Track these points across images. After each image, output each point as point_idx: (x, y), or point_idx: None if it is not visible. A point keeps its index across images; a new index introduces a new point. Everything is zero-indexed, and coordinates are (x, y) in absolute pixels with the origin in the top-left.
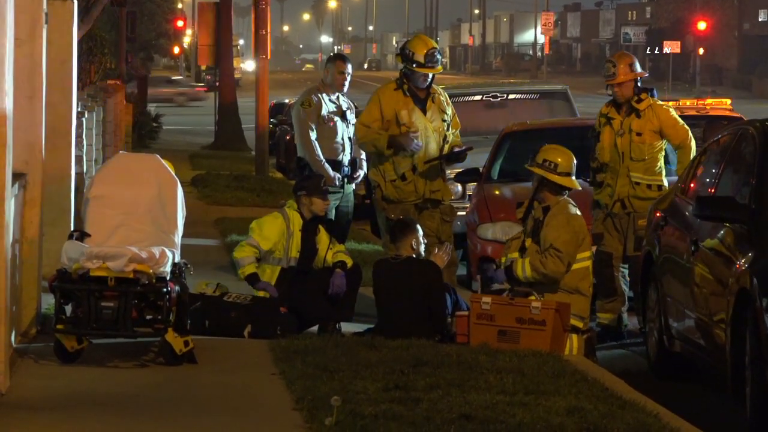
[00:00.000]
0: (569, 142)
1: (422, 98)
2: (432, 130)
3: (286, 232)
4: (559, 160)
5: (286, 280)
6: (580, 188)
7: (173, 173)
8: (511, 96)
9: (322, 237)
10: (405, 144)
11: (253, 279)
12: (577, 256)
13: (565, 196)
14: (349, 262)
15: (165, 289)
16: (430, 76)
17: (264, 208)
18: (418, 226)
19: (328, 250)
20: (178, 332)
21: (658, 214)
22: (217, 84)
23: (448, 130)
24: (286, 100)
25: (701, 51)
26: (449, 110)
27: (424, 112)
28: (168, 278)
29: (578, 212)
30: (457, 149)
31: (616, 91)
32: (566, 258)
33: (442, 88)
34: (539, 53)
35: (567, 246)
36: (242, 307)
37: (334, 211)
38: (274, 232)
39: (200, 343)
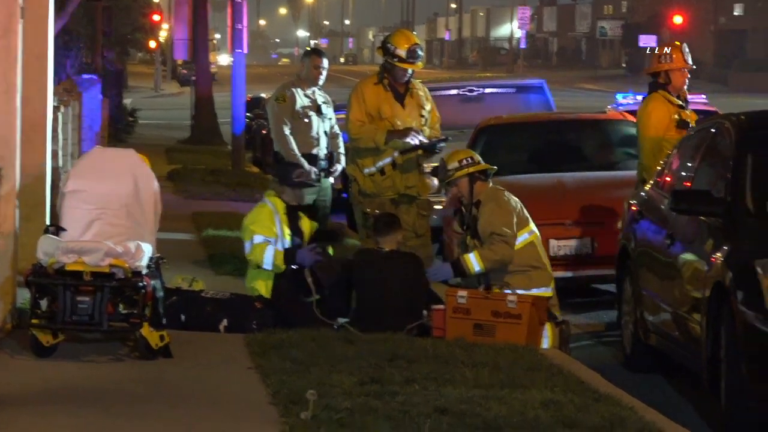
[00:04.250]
0: (546, 136)
1: (401, 93)
2: (410, 125)
3: (275, 218)
4: (469, 154)
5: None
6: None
7: (149, 168)
8: (487, 90)
9: (305, 222)
10: (404, 137)
11: (290, 257)
12: (518, 235)
13: (491, 183)
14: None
15: (141, 284)
16: (410, 71)
17: (240, 202)
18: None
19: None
20: (153, 327)
21: (633, 208)
22: (194, 78)
23: (425, 125)
24: (263, 95)
25: None
26: (428, 105)
27: (403, 106)
28: (144, 273)
29: (507, 195)
30: (432, 140)
31: (683, 80)
32: (512, 239)
33: (420, 82)
34: (516, 46)
35: (507, 227)
36: (218, 301)
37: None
38: (268, 219)
39: (176, 337)
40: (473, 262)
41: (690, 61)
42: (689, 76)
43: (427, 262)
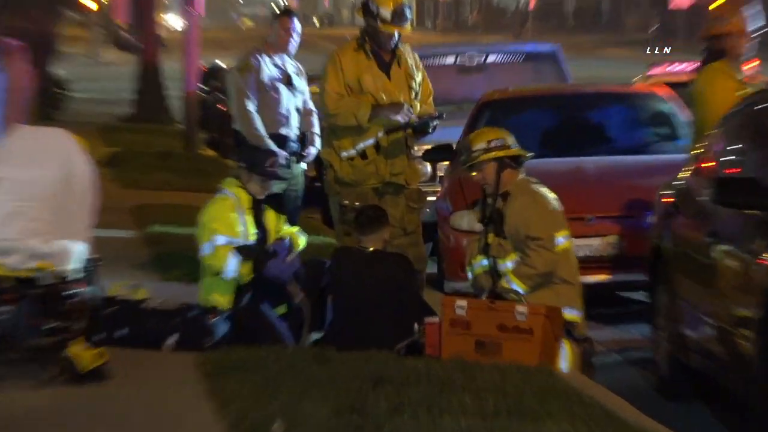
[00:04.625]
0: (562, 113)
1: (387, 61)
2: (397, 100)
3: (239, 213)
4: (500, 134)
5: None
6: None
7: (84, 151)
8: (490, 58)
9: (270, 216)
10: (393, 113)
11: (260, 266)
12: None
13: (524, 175)
14: (300, 243)
15: (71, 292)
16: (397, 35)
17: (193, 192)
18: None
19: (276, 232)
20: (87, 344)
21: (668, 200)
22: (138, 44)
23: (416, 99)
24: (222, 64)
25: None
26: (418, 76)
27: (389, 77)
28: (75, 278)
29: (544, 189)
30: (424, 117)
31: (741, 49)
32: (550, 242)
33: (409, 48)
34: (524, 5)
35: (545, 228)
36: (165, 313)
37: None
38: (231, 214)
39: (114, 356)
40: (513, 287)
41: (753, 26)
42: (750, 43)
43: (418, 264)
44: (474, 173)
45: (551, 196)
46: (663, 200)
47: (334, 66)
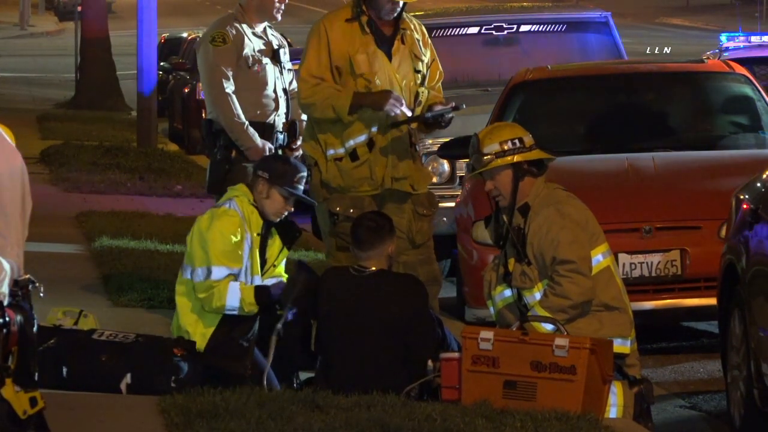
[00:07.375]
0: (612, 97)
1: (388, 36)
2: (398, 85)
3: (246, 237)
4: (517, 133)
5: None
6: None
7: (12, 144)
8: (524, 28)
9: (275, 244)
10: (380, 103)
11: (264, 295)
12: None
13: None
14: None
15: (0, 320)
16: (402, 3)
17: (150, 196)
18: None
19: (272, 267)
20: (20, 385)
21: (745, 206)
22: (80, 9)
23: (422, 84)
24: (185, 35)
25: None
26: (426, 55)
27: (390, 57)
28: (4, 303)
29: (574, 199)
30: (437, 108)
31: None
32: (584, 265)
33: (416, 17)
34: None
35: (577, 248)
36: (118, 347)
37: None
38: (239, 238)
39: (55, 400)
40: (542, 325)
41: None
42: None
43: (431, 286)
44: (486, 182)
45: (580, 204)
46: (740, 206)
47: (317, 41)
